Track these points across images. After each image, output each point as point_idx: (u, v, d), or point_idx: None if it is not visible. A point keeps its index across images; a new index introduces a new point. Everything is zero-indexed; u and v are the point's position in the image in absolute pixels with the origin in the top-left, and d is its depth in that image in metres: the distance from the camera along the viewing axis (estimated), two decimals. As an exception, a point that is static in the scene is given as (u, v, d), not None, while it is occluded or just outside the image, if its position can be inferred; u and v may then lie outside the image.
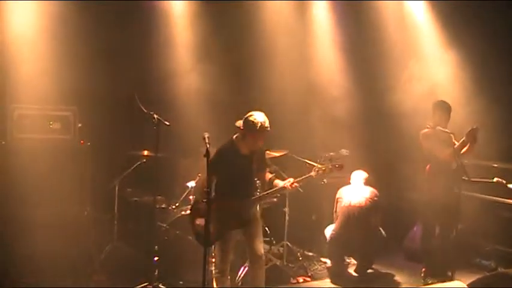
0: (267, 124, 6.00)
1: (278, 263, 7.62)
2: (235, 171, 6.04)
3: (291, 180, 6.18)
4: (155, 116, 6.67)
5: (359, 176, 7.86)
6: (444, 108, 7.42)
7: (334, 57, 9.17)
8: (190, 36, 8.39)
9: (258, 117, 6.00)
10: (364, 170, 7.97)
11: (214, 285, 6.25)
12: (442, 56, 8.97)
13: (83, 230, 7.37)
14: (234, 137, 6.19)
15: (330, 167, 6.27)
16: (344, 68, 9.13)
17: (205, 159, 5.42)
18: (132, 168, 7.62)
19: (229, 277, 6.28)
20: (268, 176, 6.40)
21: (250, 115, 6.03)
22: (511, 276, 6.12)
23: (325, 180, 8.21)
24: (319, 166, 6.28)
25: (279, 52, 8.67)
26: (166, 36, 8.33)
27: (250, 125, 5.98)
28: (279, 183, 6.23)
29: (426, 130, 7.50)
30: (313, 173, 6.26)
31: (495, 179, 6.95)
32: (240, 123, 6.29)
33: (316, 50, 9.20)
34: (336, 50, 9.16)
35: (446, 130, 7.22)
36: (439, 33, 9.04)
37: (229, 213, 5.98)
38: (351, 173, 7.96)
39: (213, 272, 6.31)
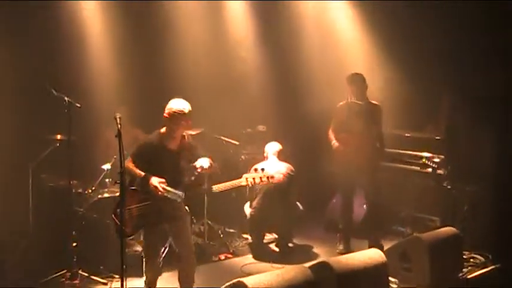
0: (186, 110, 5.64)
1: (199, 242, 7.64)
2: (158, 168, 5.67)
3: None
4: (66, 98, 6.51)
5: (273, 148, 7.90)
6: (357, 80, 7.56)
7: (247, 35, 9.20)
8: (100, 24, 8.17)
9: (175, 104, 5.66)
10: (280, 143, 8.01)
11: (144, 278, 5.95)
12: (353, 31, 9.13)
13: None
14: (161, 130, 5.79)
15: (261, 176, 6.02)
16: (256, 45, 9.17)
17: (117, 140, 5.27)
18: (46, 153, 7.39)
19: (159, 269, 6.10)
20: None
21: (168, 103, 5.70)
22: (424, 240, 6.37)
23: (243, 156, 8.25)
24: (250, 175, 6.06)
25: (190, 34, 8.59)
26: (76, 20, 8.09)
27: (168, 114, 5.67)
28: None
29: (341, 103, 7.65)
30: (242, 180, 6.01)
31: (424, 159, 7.19)
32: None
33: (228, 29, 9.18)
34: (248, 28, 9.18)
35: (359, 102, 7.39)
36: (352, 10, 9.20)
37: (151, 209, 5.72)
38: (268, 149, 8.01)
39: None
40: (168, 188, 5.65)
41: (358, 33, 9.12)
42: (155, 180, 5.61)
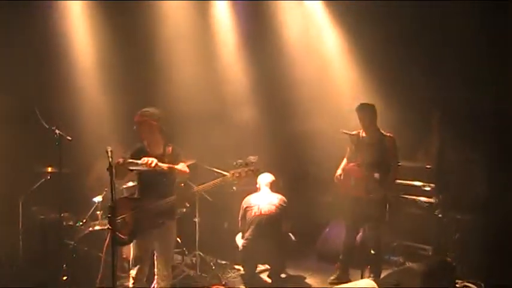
0: (139, 112, 6.08)
1: (191, 274, 7.61)
2: (144, 172, 6.03)
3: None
4: (57, 131, 6.52)
5: (265, 180, 7.89)
6: (361, 110, 7.51)
7: (237, 63, 9.27)
8: (89, 46, 8.23)
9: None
10: (272, 174, 8.01)
11: None
12: (340, 57, 9.20)
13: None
14: None
15: (246, 170, 6.20)
16: (247, 74, 9.25)
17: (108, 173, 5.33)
18: (37, 185, 7.40)
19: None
20: None
21: None
22: (416, 269, 6.37)
23: (234, 187, 8.25)
24: (235, 170, 6.21)
25: (182, 61, 8.62)
26: (64, 45, 8.14)
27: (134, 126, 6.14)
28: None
29: (355, 132, 7.64)
30: (229, 175, 6.22)
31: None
32: None
33: (218, 56, 9.23)
34: (237, 55, 9.27)
35: (345, 131, 7.40)
36: (338, 34, 9.26)
37: (142, 214, 5.98)
38: (260, 180, 8.01)
39: (130, 284, 6.20)
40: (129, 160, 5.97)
41: (347, 61, 9.18)
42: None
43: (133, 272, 6.16)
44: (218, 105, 9.04)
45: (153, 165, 5.88)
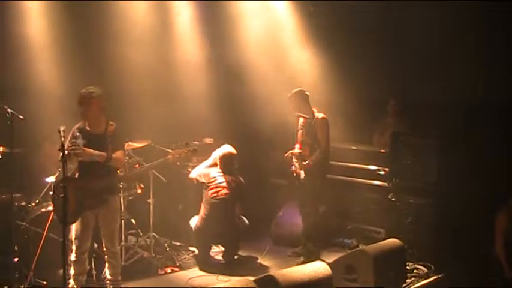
0: (82, 94, 6.05)
1: (145, 255, 7.58)
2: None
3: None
4: (9, 110, 6.38)
5: (219, 152, 7.96)
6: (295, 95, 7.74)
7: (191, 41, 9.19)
8: (40, 25, 8.03)
9: None
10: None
11: (71, 271, 6.19)
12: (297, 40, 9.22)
13: None
14: None
15: (186, 151, 6.45)
16: (202, 52, 9.18)
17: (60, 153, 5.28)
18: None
19: (86, 262, 6.34)
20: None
21: None
22: (369, 252, 6.45)
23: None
24: (176, 151, 6.48)
25: (136, 41, 8.49)
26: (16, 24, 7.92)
27: None
28: None
29: None
30: (169, 157, 6.43)
31: None
32: None
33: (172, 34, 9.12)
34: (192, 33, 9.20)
35: (300, 114, 7.53)
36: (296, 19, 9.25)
37: (84, 193, 5.99)
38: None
39: (70, 258, 6.20)
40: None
41: (301, 40, 9.19)
42: None
43: (73, 248, 6.20)
44: (175, 85, 8.93)
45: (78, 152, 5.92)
